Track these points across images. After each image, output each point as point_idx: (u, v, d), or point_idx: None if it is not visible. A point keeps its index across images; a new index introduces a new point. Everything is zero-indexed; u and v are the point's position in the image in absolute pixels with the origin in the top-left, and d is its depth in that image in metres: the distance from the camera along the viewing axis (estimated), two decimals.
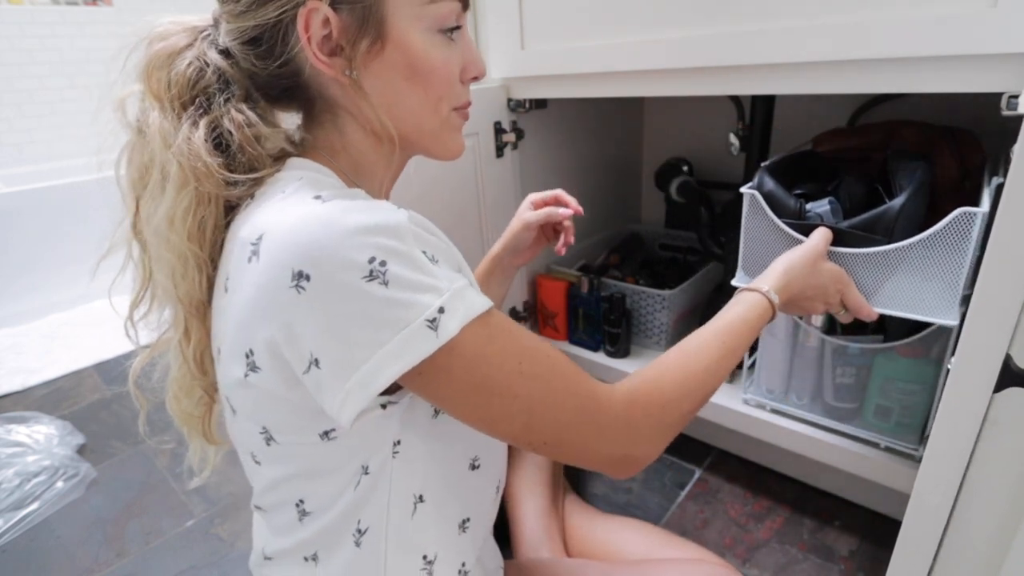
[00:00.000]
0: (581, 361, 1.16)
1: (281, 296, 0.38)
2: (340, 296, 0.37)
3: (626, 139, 1.47)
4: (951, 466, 0.48)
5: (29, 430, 1.34)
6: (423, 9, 0.46)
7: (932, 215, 0.67)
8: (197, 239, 0.46)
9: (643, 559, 0.74)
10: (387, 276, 0.38)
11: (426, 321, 0.38)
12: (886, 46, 0.62)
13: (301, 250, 0.37)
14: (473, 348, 0.40)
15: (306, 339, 0.39)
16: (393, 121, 0.49)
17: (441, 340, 0.38)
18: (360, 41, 0.45)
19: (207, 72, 0.46)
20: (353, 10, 0.44)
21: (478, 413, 0.43)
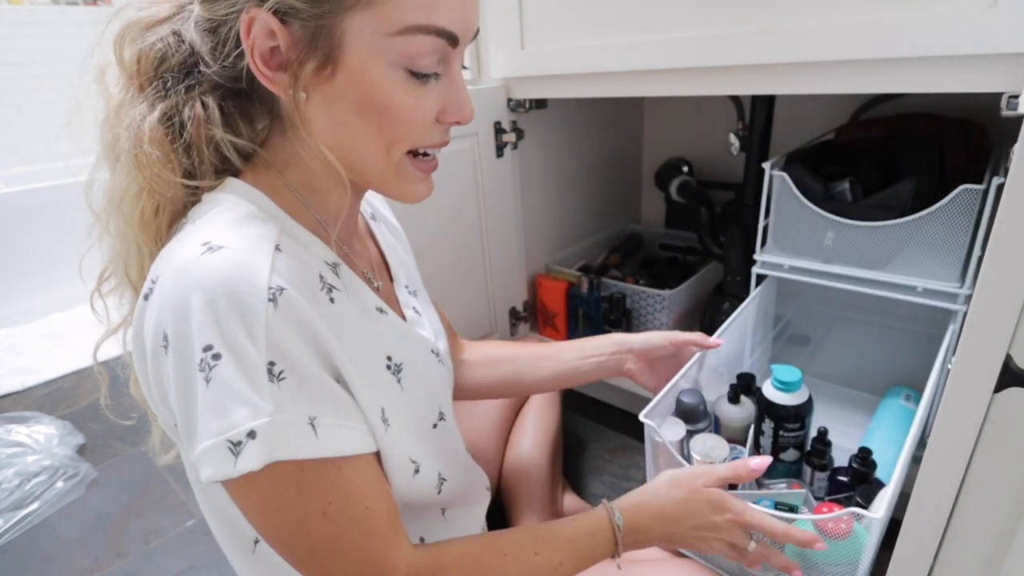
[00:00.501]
0: None
1: (156, 348, 0.38)
2: (184, 373, 0.37)
3: (626, 139, 1.47)
4: (951, 466, 0.48)
5: (29, 430, 1.34)
6: (387, 41, 0.39)
7: (942, 195, 0.72)
8: (152, 229, 0.44)
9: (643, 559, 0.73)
10: (211, 374, 0.36)
11: (229, 442, 0.36)
12: (886, 46, 0.62)
13: (169, 310, 0.37)
14: (283, 478, 0.38)
15: (169, 400, 0.39)
16: (341, 151, 0.43)
17: (239, 469, 0.36)
18: (307, 62, 0.39)
19: (179, 50, 0.43)
20: (305, 27, 0.39)
21: (269, 528, 0.41)
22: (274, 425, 0.37)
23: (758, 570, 0.57)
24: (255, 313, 0.36)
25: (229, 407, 0.36)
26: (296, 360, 0.38)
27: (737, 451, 0.74)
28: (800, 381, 0.77)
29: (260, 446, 0.36)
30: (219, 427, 0.36)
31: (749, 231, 0.94)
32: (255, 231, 0.40)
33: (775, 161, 0.85)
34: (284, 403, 0.37)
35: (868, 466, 0.71)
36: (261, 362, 0.36)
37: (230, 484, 0.38)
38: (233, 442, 0.36)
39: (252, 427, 0.36)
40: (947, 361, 0.73)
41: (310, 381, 0.39)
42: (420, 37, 0.40)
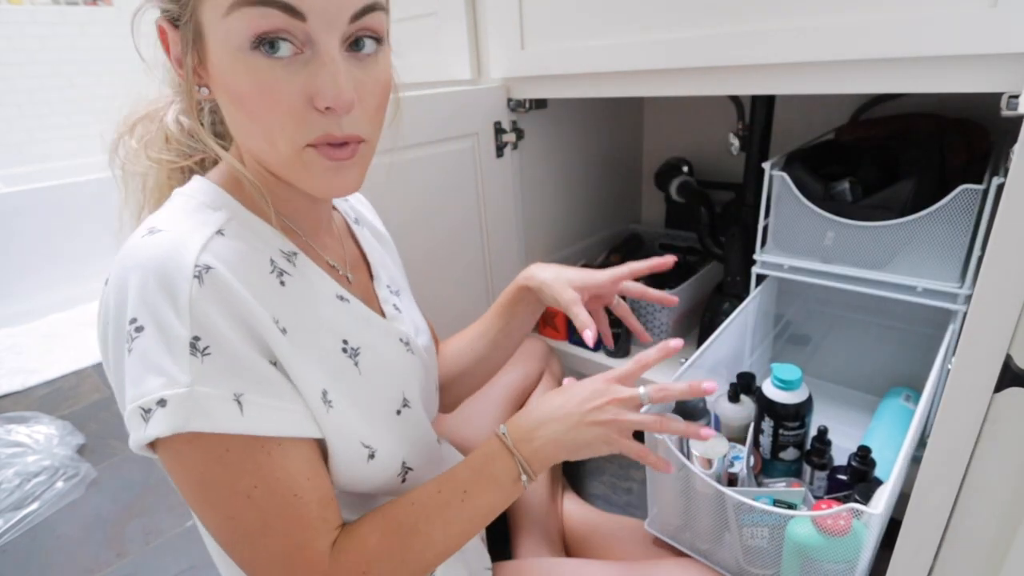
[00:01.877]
0: (581, 361, 1.16)
1: (103, 324, 0.41)
2: (114, 347, 0.40)
3: (626, 139, 1.47)
4: (951, 466, 0.48)
5: (29, 430, 1.34)
6: (226, 23, 0.38)
7: (942, 195, 0.72)
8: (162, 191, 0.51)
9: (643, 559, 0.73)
10: (133, 344, 0.38)
11: (140, 408, 0.38)
12: (886, 46, 0.62)
13: (111, 290, 0.40)
14: (208, 452, 0.40)
15: (109, 365, 0.42)
16: (242, 144, 0.47)
17: (147, 434, 0.38)
18: (186, 57, 0.42)
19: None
20: (183, 26, 0.41)
21: (194, 503, 0.42)
22: (191, 396, 0.38)
23: (665, 470, 0.56)
24: (179, 289, 0.38)
25: (144, 376, 0.38)
26: (222, 337, 0.40)
27: (737, 450, 0.74)
28: (800, 380, 0.77)
29: (170, 415, 0.38)
30: (134, 394, 0.38)
31: (749, 231, 0.94)
32: (199, 218, 0.44)
33: (775, 161, 0.85)
34: (206, 377, 0.39)
35: (867, 465, 0.71)
36: (184, 336, 0.38)
37: (162, 455, 0.40)
38: (144, 409, 0.38)
39: (163, 396, 0.38)
40: (947, 361, 0.73)
41: (238, 359, 0.40)
42: (248, 10, 0.37)
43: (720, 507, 0.64)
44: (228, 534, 0.42)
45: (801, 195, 0.82)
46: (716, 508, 0.65)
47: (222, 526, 0.42)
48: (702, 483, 0.64)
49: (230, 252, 0.42)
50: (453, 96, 0.95)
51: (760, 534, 0.62)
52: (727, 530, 0.66)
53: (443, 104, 0.94)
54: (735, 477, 0.71)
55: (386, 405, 0.53)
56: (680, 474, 0.67)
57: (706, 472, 0.64)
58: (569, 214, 1.32)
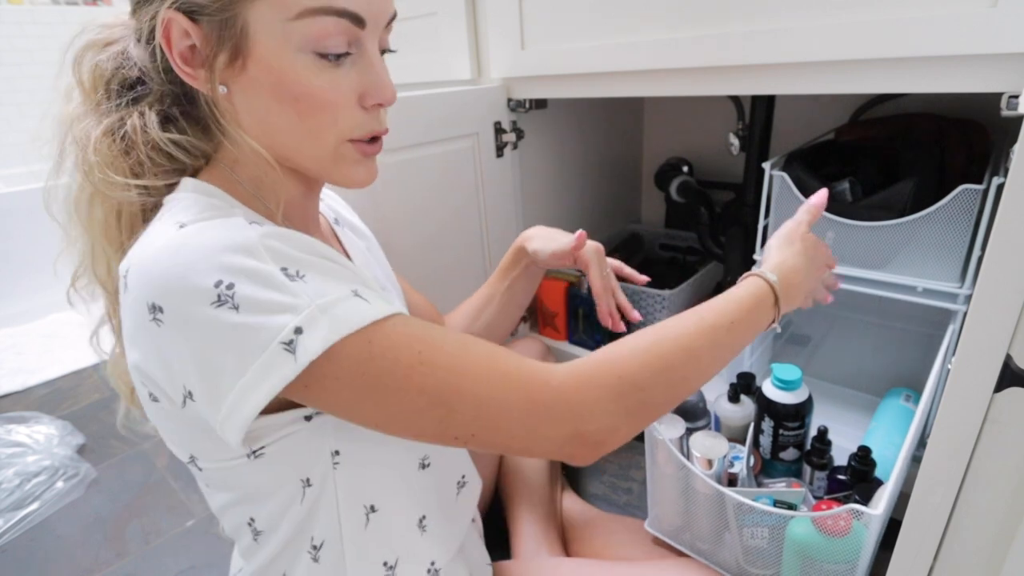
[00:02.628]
0: None
1: (145, 331, 0.38)
2: (193, 327, 0.36)
3: (626, 139, 1.47)
4: (951, 466, 0.48)
5: (29, 430, 1.34)
6: (289, 27, 0.40)
7: (942, 195, 0.72)
8: (114, 233, 0.46)
9: (642, 559, 0.73)
10: (236, 299, 0.36)
11: (282, 344, 0.36)
12: (886, 46, 0.62)
13: (153, 282, 0.37)
14: (354, 355, 0.38)
15: (176, 372, 0.38)
16: (270, 142, 0.45)
17: (300, 363, 0.36)
18: (219, 55, 0.41)
19: (125, 66, 0.45)
20: (211, 22, 0.40)
21: (378, 414, 0.39)
22: (319, 310, 0.37)
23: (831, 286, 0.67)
24: (245, 239, 0.37)
25: (265, 320, 0.36)
26: (304, 259, 0.39)
27: (737, 450, 0.74)
28: (800, 380, 0.77)
29: (311, 337, 0.36)
30: (266, 338, 0.36)
31: (749, 231, 0.94)
32: (220, 213, 0.42)
33: (775, 161, 0.85)
34: (318, 291, 0.38)
35: (867, 465, 0.71)
36: (274, 271, 0.37)
37: (313, 379, 0.37)
38: (285, 342, 0.36)
39: (297, 323, 0.36)
40: (947, 361, 0.73)
41: (329, 268, 0.40)
42: (320, 19, 0.40)
43: (720, 507, 0.64)
44: (438, 411, 0.39)
45: (801, 195, 0.82)
46: (716, 508, 0.65)
47: (424, 410, 0.39)
48: (702, 483, 0.64)
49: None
50: (453, 96, 0.95)
51: (760, 534, 0.62)
52: (727, 530, 0.66)
53: (443, 104, 0.94)
54: (735, 477, 0.71)
55: None
56: (680, 474, 0.67)
57: (706, 472, 0.64)
58: (569, 214, 1.32)
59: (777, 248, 0.61)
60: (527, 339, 1.05)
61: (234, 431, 0.38)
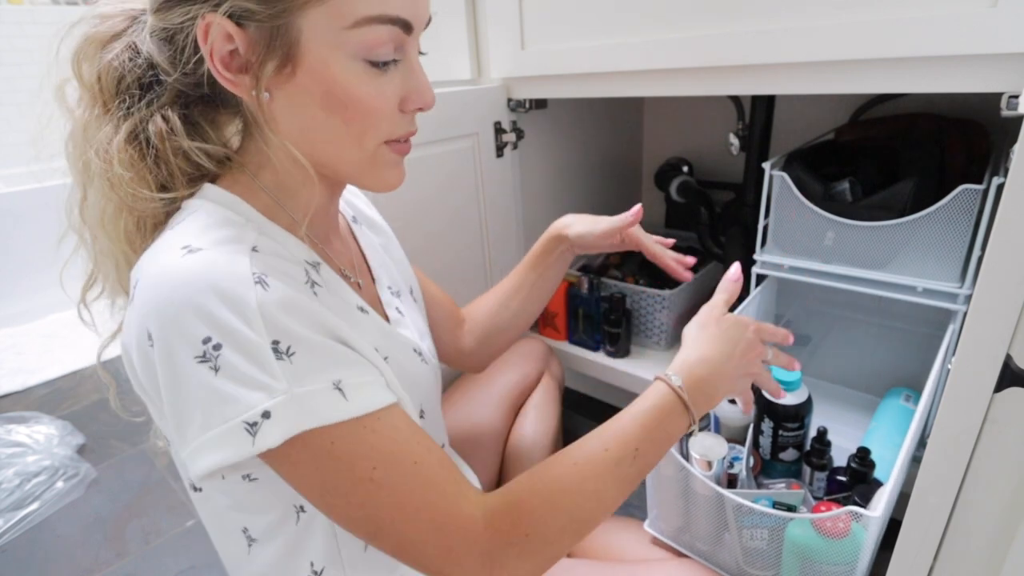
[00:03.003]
0: (581, 361, 1.16)
1: (140, 348, 0.38)
2: (174, 369, 0.36)
3: (626, 139, 1.47)
4: (951, 466, 0.48)
5: (29, 430, 1.34)
6: (344, 35, 0.40)
7: (942, 195, 0.72)
8: (137, 241, 0.45)
9: (643, 559, 0.73)
10: (218, 361, 0.36)
11: (244, 423, 0.36)
12: (886, 46, 0.62)
13: (151, 308, 0.37)
14: (313, 448, 0.38)
15: (158, 391, 0.39)
16: (310, 148, 0.44)
17: (256, 448, 0.36)
18: (267, 62, 0.40)
19: (137, 64, 0.43)
20: (260, 28, 0.39)
21: (321, 504, 0.41)
22: (293, 399, 0.37)
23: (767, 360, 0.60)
24: (244, 300, 0.37)
25: (240, 392, 0.36)
26: (300, 334, 0.38)
27: (736, 450, 0.74)
28: (799, 380, 0.77)
29: (277, 424, 0.36)
30: (233, 411, 0.36)
31: (749, 231, 0.94)
32: (231, 234, 0.41)
33: (775, 161, 0.85)
34: (300, 376, 0.37)
35: (867, 466, 0.71)
36: (264, 343, 0.37)
37: (276, 467, 0.39)
38: (249, 423, 0.36)
39: (266, 407, 0.36)
40: (947, 361, 0.73)
41: (321, 349, 0.39)
42: (375, 27, 0.40)
43: (719, 509, 0.64)
44: (368, 526, 0.40)
45: (801, 195, 0.82)
46: (715, 510, 0.65)
47: (359, 520, 0.40)
48: (702, 485, 0.64)
49: (269, 269, 0.41)
50: (453, 96, 0.95)
51: (759, 536, 0.62)
52: (727, 531, 0.66)
53: (443, 104, 0.94)
54: (735, 478, 0.71)
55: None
56: (679, 476, 0.67)
57: (705, 474, 0.64)
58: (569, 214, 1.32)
59: (691, 338, 0.57)
60: (528, 339, 1.05)
61: (196, 474, 0.38)
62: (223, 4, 0.38)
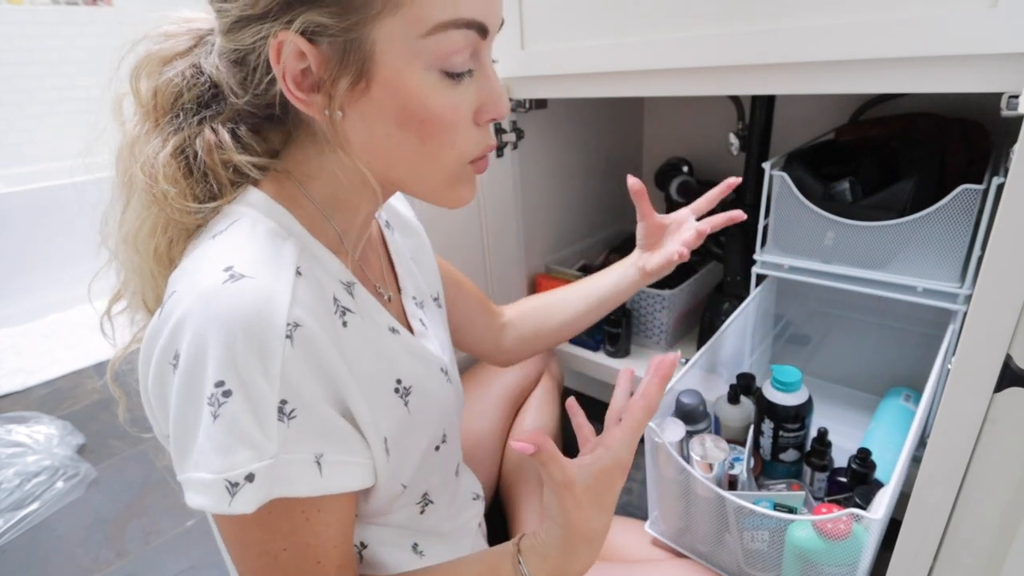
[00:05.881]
0: (581, 361, 1.16)
1: (163, 362, 0.38)
2: (188, 398, 0.36)
3: (626, 139, 1.47)
4: (951, 466, 0.48)
5: (29, 430, 1.34)
6: (419, 44, 0.38)
7: (942, 195, 0.72)
8: (165, 259, 0.44)
9: (643, 559, 0.73)
10: (220, 411, 0.35)
11: (226, 481, 0.36)
12: (886, 46, 0.62)
13: (183, 333, 0.36)
14: (276, 514, 0.38)
15: (164, 409, 0.39)
16: (384, 165, 0.43)
17: (231, 510, 0.36)
18: (340, 79, 0.38)
19: (198, 83, 0.43)
20: (333, 43, 0.37)
21: (227, 547, 0.41)
22: (276, 465, 0.37)
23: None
24: (272, 352, 0.36)
25: (233, 446, 0.36)
26: (308, 399, 0.38)
27: (737, 451, 0.74)
28: (800, 381, 0.77)
29: (256, 489, 0.36)
30: (220, 465, 0.36)
31: (749, 231, 0.94)
32: (276, 253, 0.40)
33: (775, 161, 0.85)
34: (291, 442, 0.37)
35: (867, 467, 0.71)
36: (273, 401, 0.36)
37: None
38: (231, 482, 0.36)
39: (251, 470, 0.36)
40: (947, 361, 0.73)
41: (320, 418, 0.39)
42: (451, 33, 0.38)
43: (721, 511, 0.64)
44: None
45: (801, 195, 0.82)
46: (716, 511, 0.65)
47: (245, 574, 0.41)
48: (702, 487, 0.64)
49: (310, 297, 0.40)
50: None
51: (760, 537, 0.62)
52: (728, 533, 0.66)
53: None
54: (735, 479, 0.71)
55: (427, 443, 0.52)
56: (680, 478, 0.67)
57: (706, 476, 0.64)
58: (569, 214, 1.32)
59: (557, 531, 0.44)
60: None
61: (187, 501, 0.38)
62: (295, 21, 0.37)
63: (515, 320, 0.78)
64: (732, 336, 0.89)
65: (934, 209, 0.72)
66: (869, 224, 0.78)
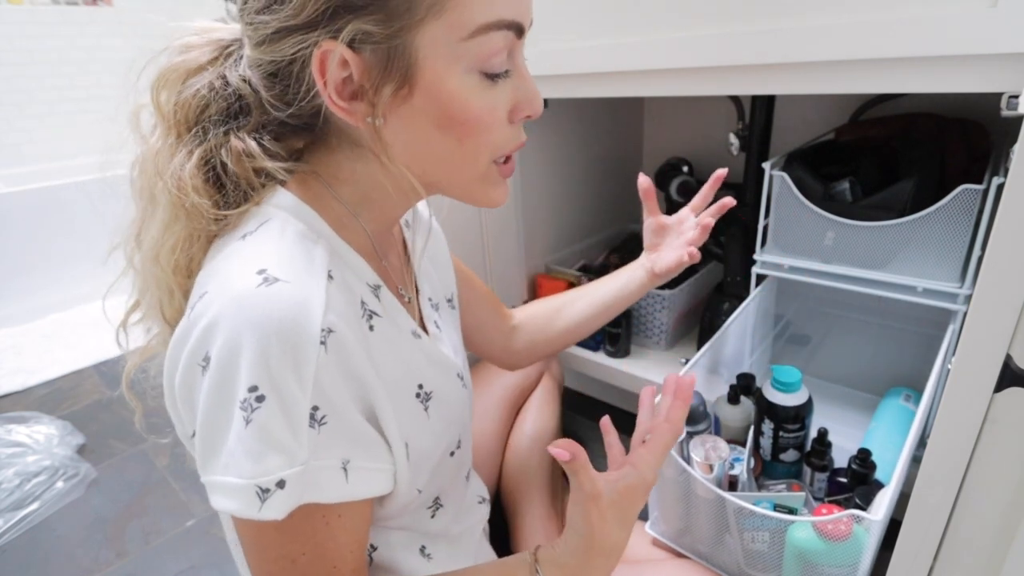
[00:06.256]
0: (581, 361, 1.16)
1: (192, 364, 0.37)
2: (218, 401, 0.36)
3: (626, 139, 1.47)
4: (951, 466, 0.48)
5: (29, 430, 1.34)
6: (461, 47, 0.38)
7: (942, 195, 0.72)
8: (184, 271, 0.43)
9: (643, 559, 0.73)
10: (252, 416, 0.35)
11: (257, 487, 0.36)
12: (886, 46, 0.62)
13: (215, 337, 0.36)
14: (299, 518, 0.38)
15: (191, 410, 0.38)
16: (421, 168, 0.43)
17: (262, 515, 0.36)
18: (384, 86, 0.38)
19: (224, 95, 0.42)
20: (376, 50, 0.37)
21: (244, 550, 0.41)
22: (306, 472, 0.37)
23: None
24: (307, 358, 0.36)
25: (264, 452, 0.36)
26: (339, 405, 0.38)
27: (737, 452, 0.74)
28: (800, 382, 0.77)
29: (287, 496, 0.36)
30: (252, 471, 0.36)
31: (749, 231, 0.94)
32: (309, 257, 0.40)
33: (775, 161, 0.85)
34: (321, 448, 0.37)
35: (867, 467, 0.71)
36: (306, 407, 0.36)
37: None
38: (262, 488, 0.36)
39: (283, 476, 0.36)
40: (947, 361, 0.73)
41: (349, 424, 0.39)
42: (491, 35, 0.39)
43: (721, 511, 0.64)
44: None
45: (801, 195, 0.82)
46: (717, 512, 0.65)
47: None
48: (703, 488, 0.64)
49: (341, 302, 0.40)
50: None
51: (761, 538, 0.62)
52: (728, 533, 0.66)
53: None
54: (735, 479, 0.71)
55: (444, 449, 0.52)
56: (681, 479, 0.67)
57: (706, 477, 0.64)
58: (569, 214, 1.32)
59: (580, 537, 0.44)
60: None
61: (211, 502, 0.38)
62: (344, 30, 0.36)
63: (524, 322, 0.78)
64: (732, 336, 0.89)
65: (934, 209, 0.72)
66: (869, 224, 0.78)
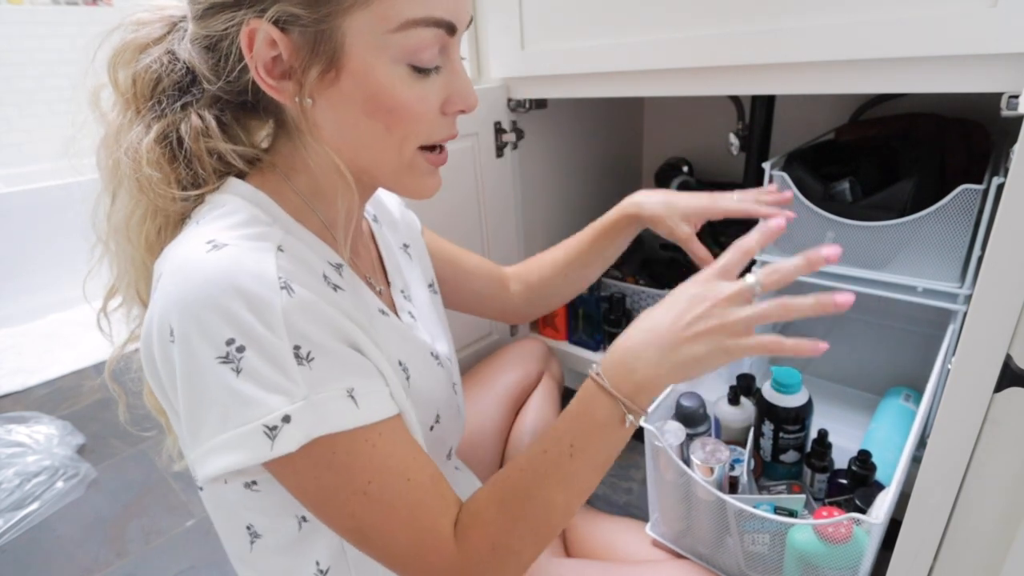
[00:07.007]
0: (581, 361, 1.16)
1: (163, 342, 0.37)
2: (195, 367, 0.36)
3: (626, 139, 1.47)
4: (951, 466, 0.48)
5: (29, 430, 1.34)
6: (388, 38, 0.39)
7: (942, 195, 0.72)
8: (156, 247, 0.44)
9: (643, 560, 0.73)
10: (241, 363, 0.36)
11: (264, 427, 0.36)
12: (886, 46, 0.62)
13: (174, 303, 0.36)
14: (316, 456, 0.38)
15: (175, 388, 0.38)
16: (350, 154, 0.44)
17: (275, 452, 0.36)
18: (311, 67, 0.39)
19: (174, 69, 0.43)
20: (304, 33, 0.39)
21: (314, 511, 0.41)
22: (310, 405, 0.37)
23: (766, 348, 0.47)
24: (269, 304, 0.37)
25: (261, 396, 0.36)
26: (320, 340, 0.39)
27: (737, 453, 0.74)
28: (800, 383, 0.77)
29: (295, 429, 0.36)
30: (254, 414, 0.36)
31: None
32: (257, 231, 0.41)
33: (775, 161, 0.85)
34: (318, 382, 0.38)
35: (868, 469, 0.71)
36: (286, 348, 0.37)
37: (277, 473, 0.39)
38: (269, 427, 0.36)
39: (287, 412, 0.36)
40: (947, 361, 0.73)
41: (337, 356, 0.40)
42: (419, 30, 0.40)
43: (721, 514, 0.64)
44: (355, 534, 0.41)
45: (801, 195, 0.82)
46: (717, 514, 0.65)
47: (348, 528, 0.41)
48: (703, 490, 0.64)
49: (294, 269, 0.40)
50: None
51: (761, 540, 0.62)
52: (728, 535, 0.66)
53: None
54: (735, 480, 0.71)
55: (424, 420, 0.52)
56: (681, 481, 0.67)
57: (707, 479, 0.64)
58: (569, 214, 1.32)
59: (634, 322, 0.49)
60: (528, 339, 1.05)
61: (202, 476, 0.38)
62: (269, 10, 0.38)
63: (520, 283, 0.80)
64: None
65: (934, 209, 0.72)
66: (869, 224, 0.78)
